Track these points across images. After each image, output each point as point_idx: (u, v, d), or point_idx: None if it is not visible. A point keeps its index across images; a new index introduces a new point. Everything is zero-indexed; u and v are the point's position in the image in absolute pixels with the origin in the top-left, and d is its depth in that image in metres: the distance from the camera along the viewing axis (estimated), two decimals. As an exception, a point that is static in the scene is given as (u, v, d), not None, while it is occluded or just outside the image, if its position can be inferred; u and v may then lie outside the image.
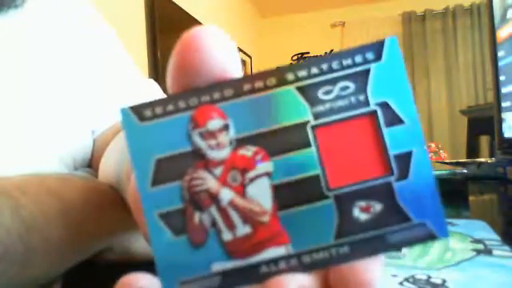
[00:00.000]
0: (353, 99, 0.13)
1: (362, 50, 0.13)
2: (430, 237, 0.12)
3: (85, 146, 0.36)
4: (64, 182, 0.27)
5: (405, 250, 0.29)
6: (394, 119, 0.13)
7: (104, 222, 0.27)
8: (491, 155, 1.80)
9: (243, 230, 0.13)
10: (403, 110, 0.13)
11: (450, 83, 3.32)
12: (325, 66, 0.13)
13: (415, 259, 0.28)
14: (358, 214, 0.13)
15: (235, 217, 0.13)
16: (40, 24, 0.35)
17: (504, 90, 0.72)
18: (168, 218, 0.13)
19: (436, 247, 0.31)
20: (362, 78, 0.13)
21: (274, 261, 0.13)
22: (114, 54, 0.42)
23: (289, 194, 0.13)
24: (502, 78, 0.73)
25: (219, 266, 0.13)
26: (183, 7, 2.42)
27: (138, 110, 0.13)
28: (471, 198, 0.56)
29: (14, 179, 0.24)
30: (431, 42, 3.36)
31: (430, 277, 0.25)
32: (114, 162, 0.27)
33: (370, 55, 0.13)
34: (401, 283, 0.24)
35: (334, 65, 0.13)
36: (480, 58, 3.25)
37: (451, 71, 3.32)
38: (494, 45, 0.74)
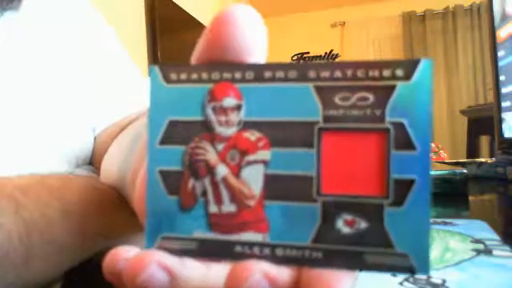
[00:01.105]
0: (368, 112, 0.12)
1: (392, 64, 0.12)
2: (409, 269, 0.12)
3: (86, 143, 0.36)
4: (64, 181, 0.27)
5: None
6: (405, 143, 0.12)
7: (104, 222, 0.27)
8: (491, 155, 1.80)
9: (229, 207, 0.13)
10: (418, 136, 0.12)
11: (450, 83, 3.32)
12: (349, 72, 0.13)
13: (415, 259, 0.28)
14: (341, 225, 0.12)
15: (224, 193, 0.13)
16: (39, 23, 0.35)
17: (504, 90, 0.72)
18: (166, 177, 0.14)
19: (436, 247, 0.31)
20: (384, 93, 0.12)
21: (250, 244, 0.13)
22: (113, 53, 0.42)
23: (279, 187, 0.13)
24: (501, 77, 0.73)
25: (199, 234, 0.13)
26: (183, 7, 2.42)
27: (166, 71, 0.14)
28: (471, 198, 0.56)
29: (14, 179, 0.24)
30: (431, 42, 3.36)
31: (429, 277, 0.25)
32: (118, 161, 0.27)
33: (399, 72, 0.12)
34: (401, 283, 0.24)
35: (359, 73, 0.13)
36: (480, 58, 3.25)
37: (451, 71, 3.32)
38: (493, 45, 0.74)
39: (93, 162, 0.37)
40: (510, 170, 0.67)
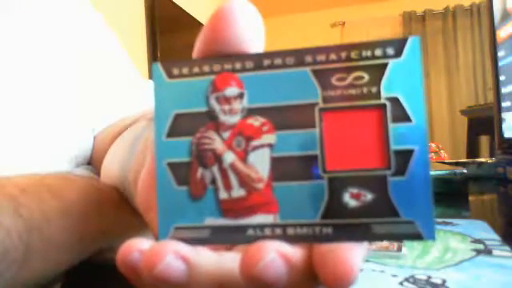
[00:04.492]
0: (365, 90, 0.13)
1: (383, 44, 0.13)
2: (416, 236, 0.13)
3: (85, 143, 0.36)
4: (64, 181, 0.27)
5: (405, 250, 0.29)
6: (401, 116, 0.13)
7: (104, 222, 0.27)
8: (491, 155, 1.80)
9: (238, 192, 0.14)
10: (413, 108, 0.13)
11: (450, 83, 3.32)
12: (343, 54, 0.13)
13: (415, 259, 0.28)
14: (348, 199, 0.13)
15: (233, 179, 0.14)
16: (38, 23, 0.35)
17: (504, 90, 0.72)
18: (174, 168, 0.14)
19: (436, 247, 0.31)
20: (377, 71, 0.13)
21: (261, 226, 0.13)
22: (113, 53, 0.42)
23: (285, 168, 0.13)
24: (502, 78, 0.73)
25: (211, 221, 0.14)
26: (183, 7, 2.43)
27: (168, 67, 0.14)
28: (471, 198, 0.56)
29: (13, 178, 0.24)
30: (431, 42, 3.36)
31: (430, 277, 0.25)
32: (119, 161, 0.27)
33: (390, 50, 0.13)
34: (401, 283, 0.24)
35: (353, 54, 0.13)
36: (480, 57, 3.25)
37: (451, 71, 3.31)
38: (494, 45, 0.74)
39: (91, 162, 0.37)
40: (510, 170, 0.67)
